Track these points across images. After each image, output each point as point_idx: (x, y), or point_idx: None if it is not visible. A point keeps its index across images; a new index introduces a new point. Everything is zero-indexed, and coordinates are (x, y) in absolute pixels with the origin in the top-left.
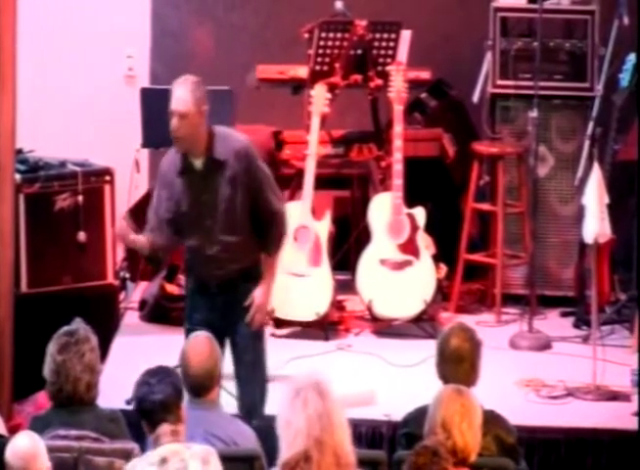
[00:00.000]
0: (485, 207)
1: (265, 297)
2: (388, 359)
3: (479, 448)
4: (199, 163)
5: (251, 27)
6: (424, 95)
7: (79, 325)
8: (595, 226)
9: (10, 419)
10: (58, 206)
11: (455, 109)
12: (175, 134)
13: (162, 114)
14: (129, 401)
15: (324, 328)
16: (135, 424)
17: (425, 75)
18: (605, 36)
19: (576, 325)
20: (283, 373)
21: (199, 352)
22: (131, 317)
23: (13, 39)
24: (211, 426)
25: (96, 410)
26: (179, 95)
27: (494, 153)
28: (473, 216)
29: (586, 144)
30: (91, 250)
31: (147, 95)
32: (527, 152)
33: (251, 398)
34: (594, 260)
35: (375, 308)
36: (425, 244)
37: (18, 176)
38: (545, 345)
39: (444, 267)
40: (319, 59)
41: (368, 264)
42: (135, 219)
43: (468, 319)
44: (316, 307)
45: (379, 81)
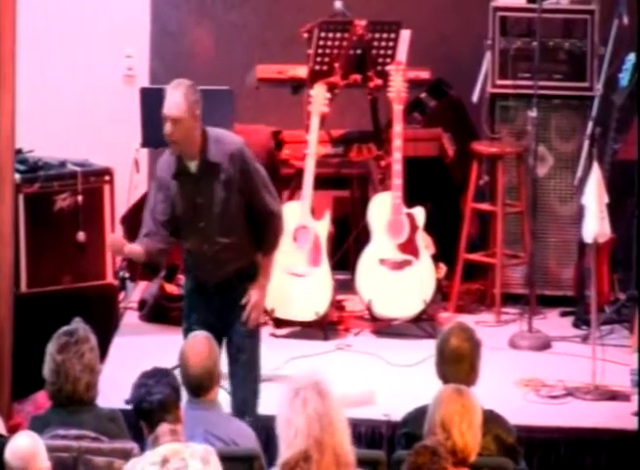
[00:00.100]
0: (485, 206)
1: (261, 295)
2: (388, 359)
3: (478, 448)
4: (193, 165)
5: (250, 27)
6: (423, 95)
7: (79, 325)
8: (595, 226)
9: (9, 419)
10: (57, 206)
11: (455, 108)
12: (169, 138)
13: (162, 113)
14: (129, 402)
15: (323, 328)
16: (135, 424)
17: (424, 75)
18: (604, 36)
19: (576, 325)
20: (282, 373)
21: (198, 352)
22: (131, 317)
23: (13, 39)
24: (211, 426)
25: (95, 410)
26: (172, 100)
27: (494, 152)
28: (472, 216)
29: (586, 144)
30: (91, 250)
31: (146, 95)
32: (527, 151)
33: (245, 396)
34: (594, 260)
35: (374, 308)
36: (424, 244)
37: (17, 176)
38: (545, 344)
39: (444, 267)
40: (319, 58)
41: (367, 264)
42: (130, 224)
43: (467, 319)
44: (316, 307)
45: (378, 81)
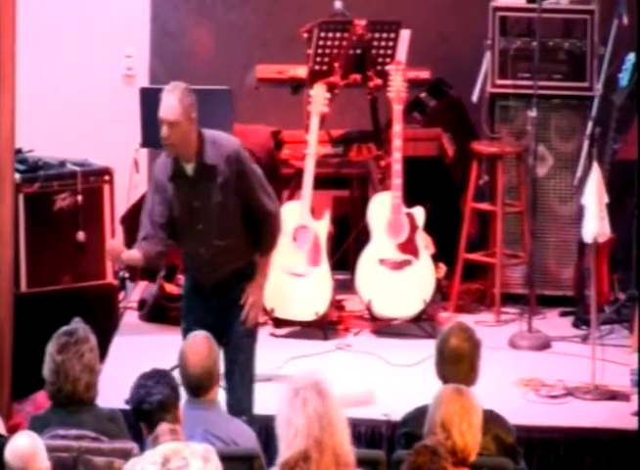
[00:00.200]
0: (485, 206)
1: (259, 294)
2: (388, 359)
3: (478, 448)
4: (190, 168)
5: (250, 27)
6: (423, 95)
7: (78, 325)
8: (594, 226)
9: (9, 419)
10: (57, 205)
11: (454, 108)
12: (165, 142)
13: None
14: (128, 403)
15: (323, 328)
16: (135, 424)
17: (424, 75)
18: (604, 36)
19: (576, 325)
20: (282, 373)
21: (197, 352)
22: (130, 317)
23: (12, 39)
24: (211, 426)
25: (95, 410)
26: (168, 103)
27: (493, 152)
28: (472, 216)
29: (585, 143)
30: (90, 249)
31: (146, 95)
32: (527, 151)
33: (241, 396)
34: (593, 260)
35: (374, 308)
36: (424, 243)
37: (17, 176)
38: (544, 344)
39: (444, 267)
40: (318, 58)
41: (367, 264)
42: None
43: (467, 319)
44: (315, 307)
45: (378, 81)
